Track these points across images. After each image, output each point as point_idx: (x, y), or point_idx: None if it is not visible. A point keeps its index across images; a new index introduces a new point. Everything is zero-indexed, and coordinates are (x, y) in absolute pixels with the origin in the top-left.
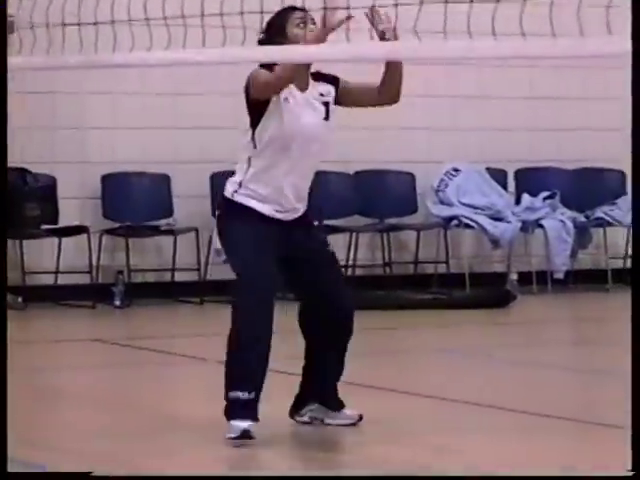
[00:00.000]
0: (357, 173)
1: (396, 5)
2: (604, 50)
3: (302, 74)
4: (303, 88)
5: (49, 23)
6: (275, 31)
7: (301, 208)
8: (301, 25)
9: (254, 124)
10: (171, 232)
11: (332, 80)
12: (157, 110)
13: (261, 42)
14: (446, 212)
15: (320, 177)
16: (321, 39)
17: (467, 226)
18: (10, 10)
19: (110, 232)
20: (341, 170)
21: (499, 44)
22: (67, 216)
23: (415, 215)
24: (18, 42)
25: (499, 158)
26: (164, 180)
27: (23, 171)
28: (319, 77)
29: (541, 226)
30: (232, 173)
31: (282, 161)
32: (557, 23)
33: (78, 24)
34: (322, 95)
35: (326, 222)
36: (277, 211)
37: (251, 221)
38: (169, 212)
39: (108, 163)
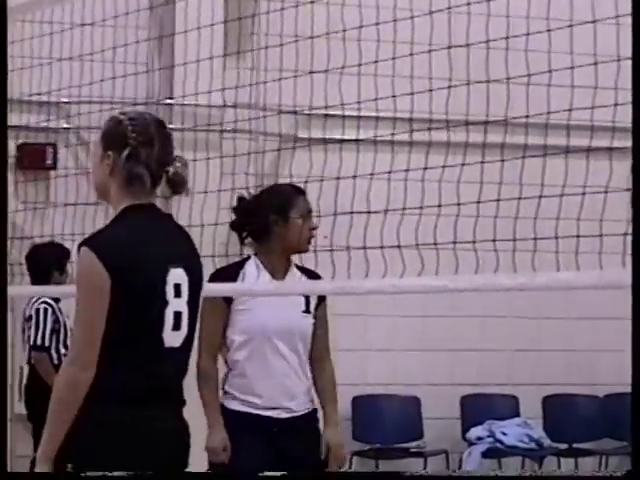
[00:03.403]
0: (606, 396)
1: None
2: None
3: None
4: (279, 276)
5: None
6: (274, 211)
7: (295, 407)
8: (306, 216)
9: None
10: (421, 454)
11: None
12: (407, 332)
13: (242, 217)
14: None
15: (568, 400)
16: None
17: None
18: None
19: (360, 454)
20: (590, 393)
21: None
22: None
23: None
24: None
25: None
26: (414, 402)
27: None
28: (304, 270)
29: None
30: (484, 396)
31: (258, 360)
32: None
33: (331, 249)
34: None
35: (575, 445)
36: (264, 408)
37: (239, 432)
38: (419, 434)
39: (358, 385)
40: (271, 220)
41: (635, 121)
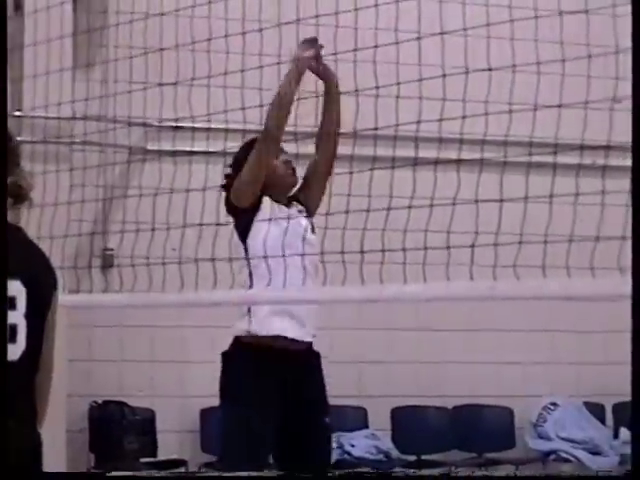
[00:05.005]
0: (455, 408)
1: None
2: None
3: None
4: (285, 204)
5: (149, 260)
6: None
7: (312, 329)
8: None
9: (244, 236)
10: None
11: (296, 198)
12: None
13: (228, 177)
14: (545, 446)
15: (417, 411)
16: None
17: (566, 460)
18: (110, 244)
19: (209, 465)
20: (439, 405)
21: (520, 285)
22: (166, 449)
23: (513, 450)
24: (119, 279)
25: (596, 391)
26: None
27: (121, 405)
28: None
29: None
30: (333, 408)
31: (280, 273)
32: None
33: (179, 262)
34: (301, 212)
35: (423, 457)
36: (292, 326)
37: (255, 371)
38: None
39: (207, 397)
40: None
41: (635, 117)
